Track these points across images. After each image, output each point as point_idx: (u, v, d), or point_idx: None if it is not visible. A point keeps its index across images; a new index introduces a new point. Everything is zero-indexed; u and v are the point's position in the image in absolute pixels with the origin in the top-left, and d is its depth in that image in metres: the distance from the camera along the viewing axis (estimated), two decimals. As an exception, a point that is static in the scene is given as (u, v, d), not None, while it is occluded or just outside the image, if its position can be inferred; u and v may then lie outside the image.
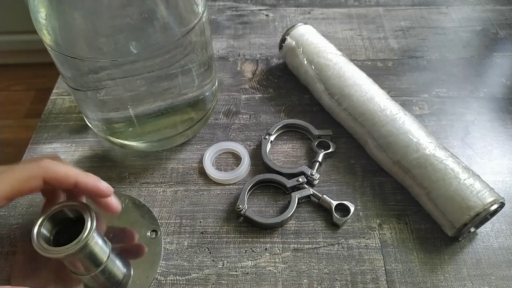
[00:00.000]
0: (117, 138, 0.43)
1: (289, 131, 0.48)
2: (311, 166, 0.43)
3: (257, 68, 0.55)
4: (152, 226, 0.40)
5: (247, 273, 0.37)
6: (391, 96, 0.44)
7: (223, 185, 0.43)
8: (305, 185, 0.41)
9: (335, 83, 0.45)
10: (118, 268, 0.35)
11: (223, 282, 0.36)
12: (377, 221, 0.40)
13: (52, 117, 0.50)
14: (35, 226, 0.30)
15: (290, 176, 0.42)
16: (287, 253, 0.38)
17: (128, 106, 0.39)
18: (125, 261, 0.37)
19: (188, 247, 0.39)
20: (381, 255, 0.38)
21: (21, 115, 1.35)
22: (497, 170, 0.43)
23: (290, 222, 0.40)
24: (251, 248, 0.39)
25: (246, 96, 0.52)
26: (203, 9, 0.38)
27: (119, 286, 0.35)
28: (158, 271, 0.37)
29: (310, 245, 0.39)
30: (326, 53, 0.47)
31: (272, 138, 0.46)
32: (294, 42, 0.49)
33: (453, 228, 0.36)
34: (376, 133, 0.41)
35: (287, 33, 0.50)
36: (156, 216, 0.41)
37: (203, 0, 0.38)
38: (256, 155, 0.45)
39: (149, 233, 0.39)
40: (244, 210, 0.39)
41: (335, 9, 0.64)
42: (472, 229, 0.38)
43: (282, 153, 0.46)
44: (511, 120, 0.48)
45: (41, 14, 0.33)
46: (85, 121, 0.45)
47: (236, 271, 0.37)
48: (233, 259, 0.38)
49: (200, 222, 0.40)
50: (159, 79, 0.37)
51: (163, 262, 0.38)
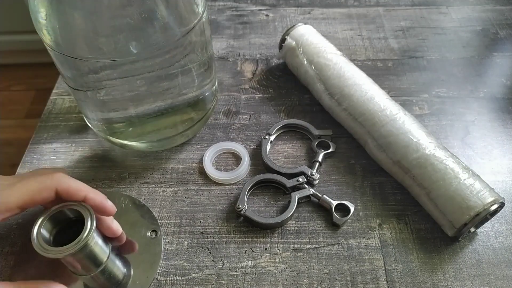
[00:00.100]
0: (117, 138, 0.43)
1: (289, 131, 0.48)
2: (311, 166, 0.43)
3: (257, 68, 0.55)
4: (152, 226, 0.40)
5: (247, 273, 0.37)
6: (391, 96, 0.44)
7: (223, 185, 0.43)
8: (305, 185, 0.41)
9: (335, 83, 0.45)
10: (118, 268, 0.35)
11: (223, 282, 0.36)
12: (377, 221, 0.40)
13: (52, 117, 0.50)
14: (35, 226, 0.30)
15: (290, 176, 0.42)
16: (287, 253, 0.38)
17: (128, 106, 0.39)
18: (125, 261, 0.37)
19: (188, 247, 0.39)
20: (381, 255, 0.38)
21: (21, 115, 1.35)
22: (497, 170, 0.43)
23: (290, 222, 0.40)
24: (251, 248, 0.39)
25: (246, 96, 0.52)
26: (203, 9, 0.38)
27: (119, 286, 0.35)
28: (158, 271, 0.37)
29: (310, 245, 0.39)
30: (326, 53, 0.47)
31: (272, 138, 0.46)
32: (294, 42, 0.49)
33: (453, 228, 0.36)
34: (376, 133, 0.41)
35: (287, 33, 0.50)
36: (156, 216, 0.41)
37: (203, 0, 0.38)
38: (256, 155, 0.45)
39: (149, 233, 0.39)
40: (244, 210, 0.39)
41: (335, 9, 0.64)
42: (472, 229, 0.38)
43: (282, 153, 0.46)
44: (511, 120, 0.48)
45: (41, 14, 0.33)
46: (85, 121, 0.45)
47: (236, 271, 0.37)
48: (233, 259, 0.38)
49: (200, 222, 0.40)
50: (159, 79, 0.37)
51: (163, 262, 0.38)
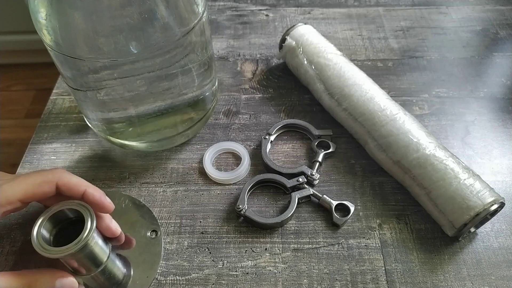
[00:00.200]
0: (117, 138, 0.43)
1: (289, 131, 0.48)
2: (311, 166, 0.43)
3: (257, 68, 0.55)
4: (152, 226, 0.40)
5: (247, 273, 0.37)
6: (391, 96, 0.44)
7: (223, 185, 0.43)
8: (305, 185, 0.41)
9: (335, 83, 0.45)
10: (118, 268, 0.35)
11: (223, 282, 0.36)
12: (377, 221, 0.40)
13: (52, 117, 0.50)
14: (35, 226, 0.30)
15: (290, 176, 0.42)
16: (287, 253, 0.38)
17: (128, 106, 0.39)
18: (125, 261, 0.37)
19: (188, 247, 0.39)
20: (381, 255, 0.38)
21: (21, 115, 1.35)
22: (497, 170, 0.43)
23: (290, 222, 0.40)
24: (251, 248, 0.39)
25: (246, 96, 0.52)
26: (203, 9, 0.38)
27: (119, 286, 0.35)
28: (158, 271, 0.37)
29: (310, 245, 0.39)
30: (326, 53, 0.47)
31: (272, 138, 0.46)
32: (294, 42, 0.49)
33: (453, 228, 0.36)
34: (376, 133, 0.41)
35: (287, 33, 0.50)
36: (156, 216, 0.41)
37: (203, 0, 0.38)
38: (256, 155, 0.45)
39: (149, 233, 0.39)
40: (244, 210, 0.39)
41: (335, 9, 0.64)
42: (472, 229, 0.38)
43: (282, 153, 0.46)
44: (511, 120, 0.48)
45: (41, 14, 0.33)
46: (85, 121, 0.45)
47: (236, 271, 0.37)
48: (233, 259, 0.38)
49: (200, 222, 0.40)
50: (159, 79, 0.37)
51: (163, 262, 0.38)
